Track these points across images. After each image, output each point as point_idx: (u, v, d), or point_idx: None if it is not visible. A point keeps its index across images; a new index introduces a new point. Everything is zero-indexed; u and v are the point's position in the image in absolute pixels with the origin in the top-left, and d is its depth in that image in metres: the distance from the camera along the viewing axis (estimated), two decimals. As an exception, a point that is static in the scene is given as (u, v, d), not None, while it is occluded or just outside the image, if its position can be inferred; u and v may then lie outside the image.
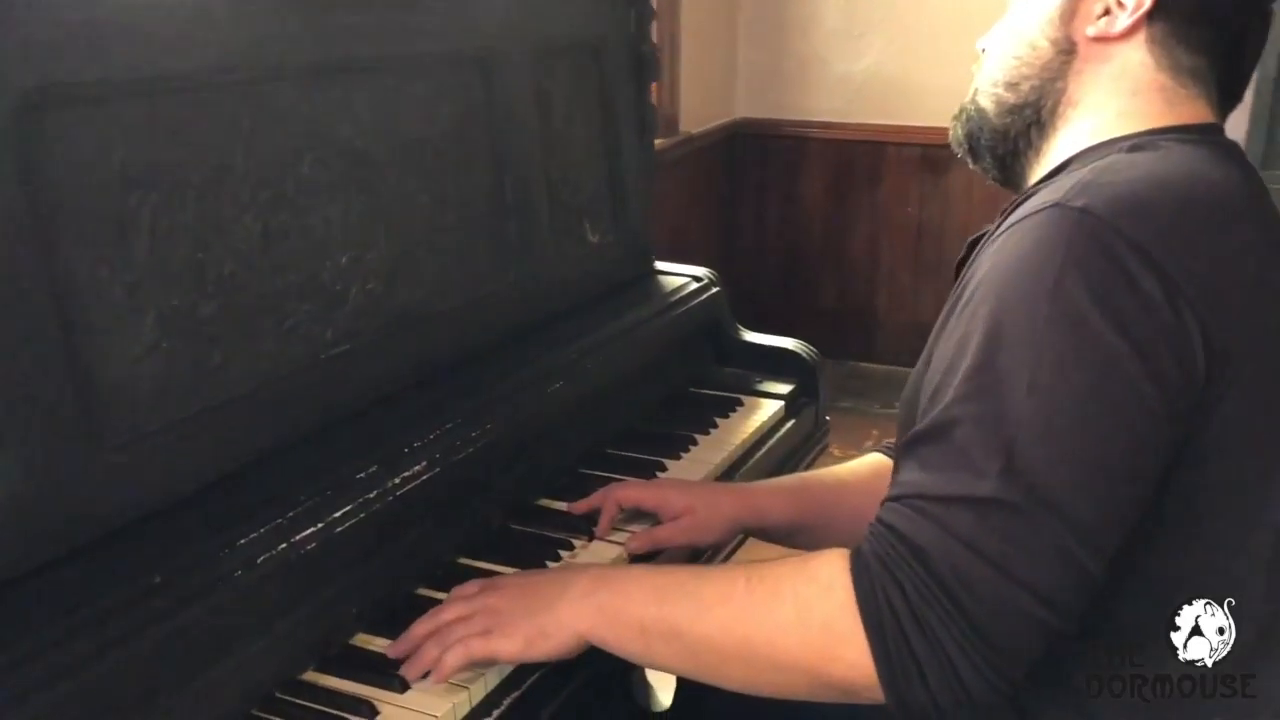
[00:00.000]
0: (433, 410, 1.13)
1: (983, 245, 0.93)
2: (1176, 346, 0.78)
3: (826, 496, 1.19)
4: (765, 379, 1.60)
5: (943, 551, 0.77)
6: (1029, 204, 0.87)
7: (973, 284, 0.86)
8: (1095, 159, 0.89)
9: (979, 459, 0.78)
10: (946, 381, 0.82)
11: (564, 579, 0.95)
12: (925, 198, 3.79)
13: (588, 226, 1.53)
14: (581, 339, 1.36)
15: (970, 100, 1.05)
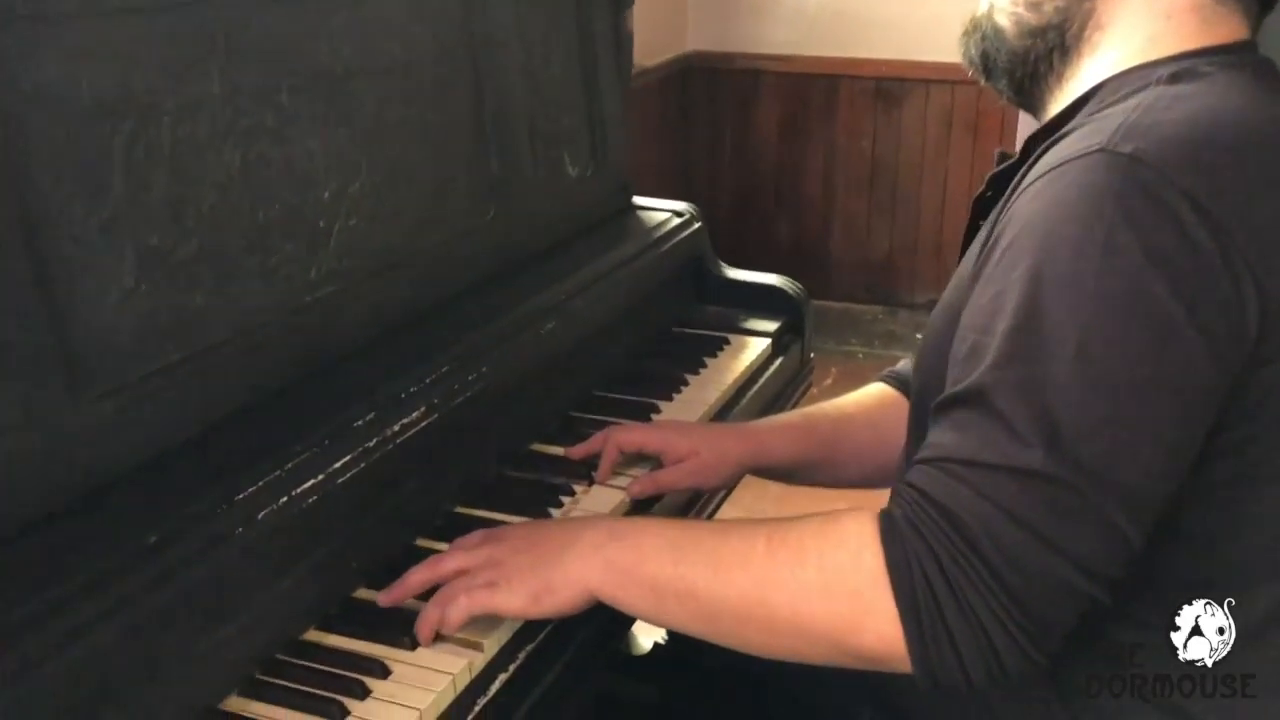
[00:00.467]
0: (424, 354, 1.07)
1: (1015, 191, 0.85)
2: (1231, 308, 0.74)
3: (831, 432, 1.16)
4: (750, 316, 1.56)
5: (982, 520, 0.73)
6: (1068, 146, 0.81)
7: (1009, 234, 0.80)
8: (1129, 89, 0.84)
9: (1022, 427, 0.73)
10: (984, 342, 0.77)
11: (572, 531, 0.90)
12: (880, 132, 3.76)
13: (567, 159, 1.46)
14: (568, 278, 1.30)
15: (985, 15, 0.97)
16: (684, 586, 0.83)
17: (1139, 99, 0.81)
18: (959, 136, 3.68)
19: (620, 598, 0.86)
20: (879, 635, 0.76)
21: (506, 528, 0.95)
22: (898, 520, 0.77)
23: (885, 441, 1.15)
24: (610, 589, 0.86)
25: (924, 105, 3.69)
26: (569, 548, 0.87)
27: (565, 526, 0.93)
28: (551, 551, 0.88)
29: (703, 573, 0.82)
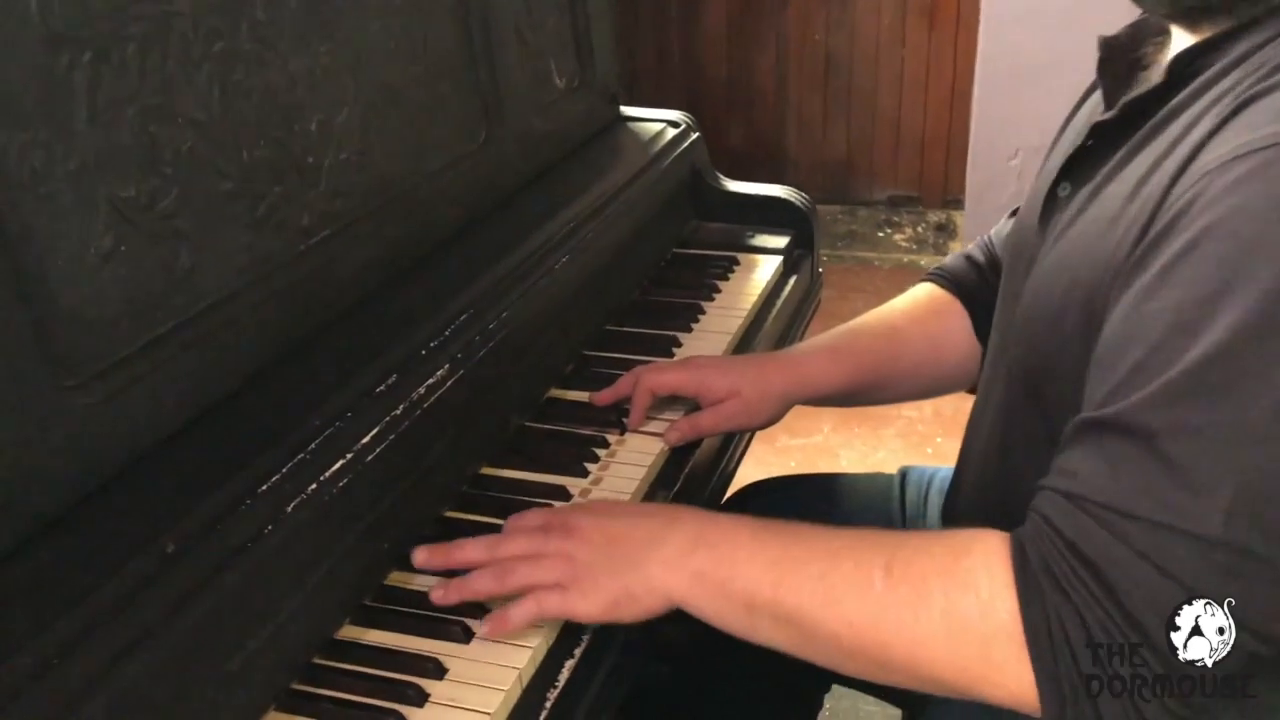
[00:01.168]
0: (436, 302, 0.95)
1: (1195, 153, 0.67)
2: None
3: (882, 351, 1.07)
4: (757, 232, 1.46)
5: (1144, 589, 0.63)
6: (1274, 110, 0.63)
7: (1199, 222, 0.63)
8: None
9: (1204, 482, 0.61)
10: (1156, 361, 0.64)
11: (655, 530, 0.78)
12: (832, 25, 3.62)
13: (554, 69, 1.33)
14: (574, 203, 1.18)
15: None
16: (784, 611, 0.73)
17: None
18: (914, 25, 3.55)
19: (707, 611, 0.76)
20: (1009, 693, 0.67)
21: (573, 512, 0.84)
22: (1036, 569, 0.66)
23: (942, 353, 1.07)
24: (697, 601, 0.76)
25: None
26: (652, 550, 0.77)
27: (643, 521, 0.81)
28: (632, 552, 0.77)
29: (808, 600, 0.72)
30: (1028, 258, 0.85)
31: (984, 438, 0.91)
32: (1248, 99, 0.65)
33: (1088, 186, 0.79)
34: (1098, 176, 0.78)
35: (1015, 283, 0.87)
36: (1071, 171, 0.81)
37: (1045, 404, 0.80)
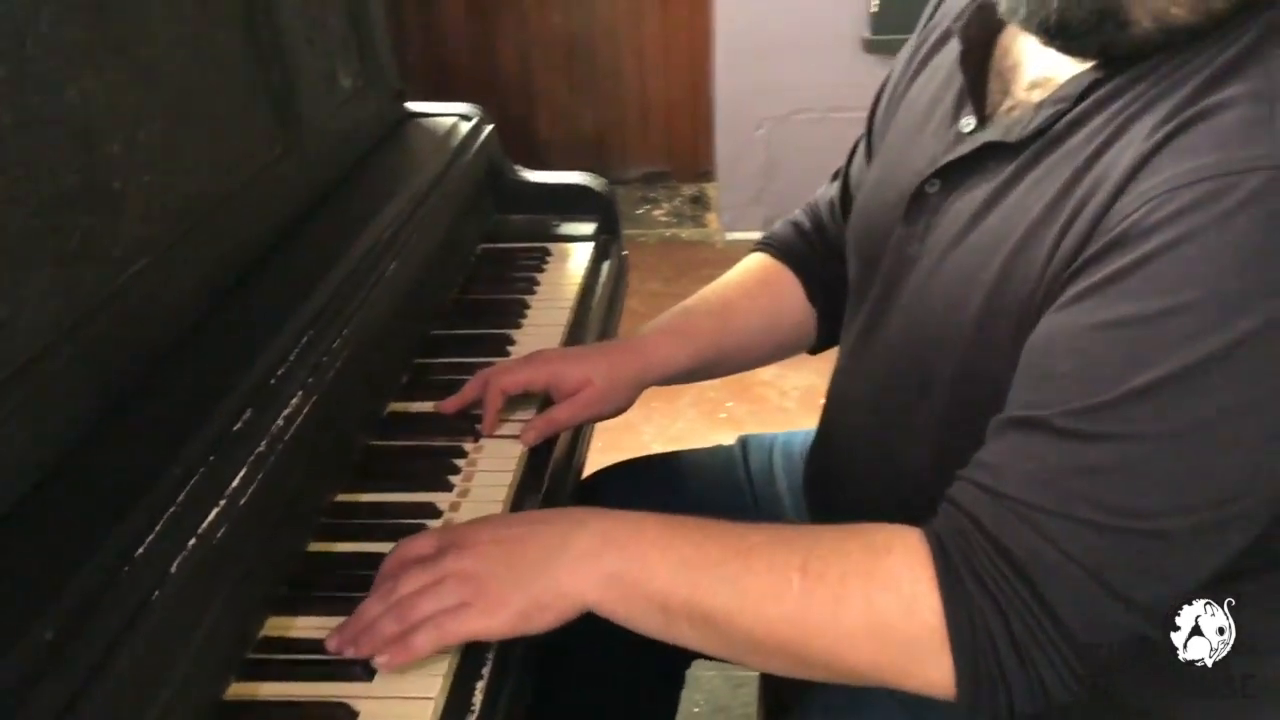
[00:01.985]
0: (270, 325, 0.89)
1: (1136, 171, 0.69)
2: None
3: (723, 325, 1.08)
4: (561, 221, 1.45)
5: (1071, 589, 0.67)
6: (1220, 140, 0.66)
7: (1151, 242, 0.66)
8: (1261, 33, 0.70)
9: (1138, 485, 0.66)
10: (1100, 371, 0.67)
11: (558, 535, 0.76)
12: (571, 7, 3.63)
13: (340, 71, 1.27)
14: (387, 207, 1.13)
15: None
16: (700, 614, 0.73)
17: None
18: (650, 4, 3.62)
19: (621, 613, 0.75)
20: (928, 683, 0.70)
21: (465, 528, 0.80)
22: (959, 567, 0.69)
23: (779, 320, 1.10)
24: (611, 604, 0.74)
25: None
26: (556, 555, 0.75)
27: (543, 528, 0.78)
28: (536, 560, 0.75)
29: (724, 603, 0.72)
30: (898, 251, 0.88)
31: (860, 412, 0.94)
32: (1183, 123, 0.68)
33: (970, 192, 0.81)
34: (985, 185, 0.80)
35: (888, 271, 0.90)
36: (942, 171, 0.84)
37: (940, 393, 0.83)
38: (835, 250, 1.08)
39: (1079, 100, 0.76)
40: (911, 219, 0.87)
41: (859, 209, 0.99)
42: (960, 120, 0.85)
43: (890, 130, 0.97)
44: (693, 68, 3.66)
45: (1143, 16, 0.71)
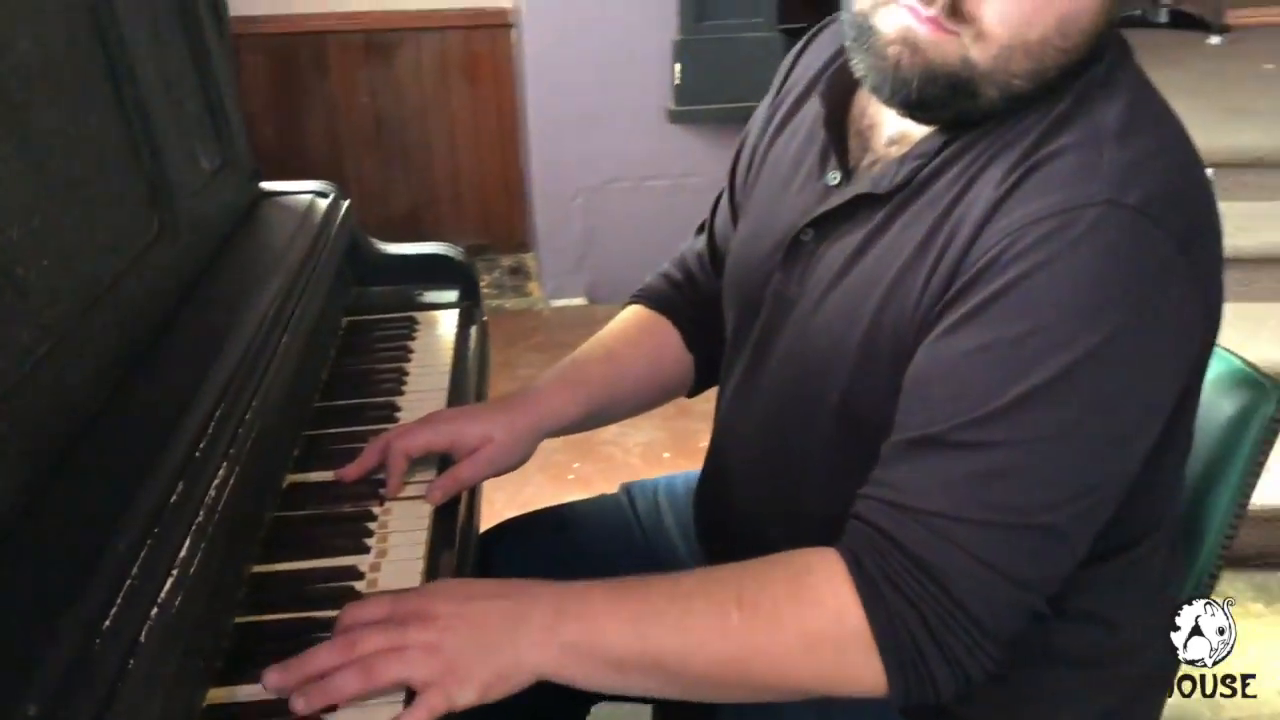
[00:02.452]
0: (181, 400, 0.89)
1: (993, 213, 0.80)
2: (1208, 342, 0.83)
3: (609, 374, 1.14)
4: (423, 291, 1.48)
5: (970, 579, 0.76)
6: (1057, 184, 0.78)
7: (1007, 275, 0.77)
8: (1080, 92, 0.83)
9: (1024, 484, 0.76)
10: (976, 388, 0.77)
11: (514, 609, 0.79)
12: (377, 87, 3.66)
13: (199, 151, 1.27)
14: (269, 283, 1.14)
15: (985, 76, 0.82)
16: (652, 662, 0.79)
17: (1109, 127, 0.80)
18: (456, 81, 3.69)
19: (578, 677, 0.80)
20: (864, 687, 0.78)
21: (422, 598, 0.82)
22: (875, 578, 0.77)
23: (661, 367, 1.17)
24: (569, 671, 0.79)
25: (417, 53, 3.65)
26: (517, 630, 0.78)
27: (498, 602, 0.80)
28: (498, 634, 0.78)
29: (673, 648, 0.79)
30: (777, 295, 0.96)
31: (750, 447, 1.01)
32: (1027, 170, 0.79)
33: (844, 238, 0.91)
34: (857, 232, 0.89)
35: (768, 314, 0.98)
36: (816, 221, 0.93)
37: (827, 422, 0.91)
38: (707, 299, 1.16)
39: (936, 155, 0.86)
40: (789, 265, 0.96)
41: (735, 259, 1.07)
42: (826, 175, 0.95)
43: (757, 186, 1.06)
44: (503, 143, 3.75)
45: (990, 90, 0.82)
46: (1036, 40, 0.79)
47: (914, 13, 0.80)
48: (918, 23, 0.80)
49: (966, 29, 0.79)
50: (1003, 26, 0.79)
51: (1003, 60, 0.80)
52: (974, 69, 0.80)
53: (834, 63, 0.99)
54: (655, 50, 3.20)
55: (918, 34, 0.80)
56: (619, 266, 3.42)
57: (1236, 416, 1.06)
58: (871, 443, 0.84)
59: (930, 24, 0.79)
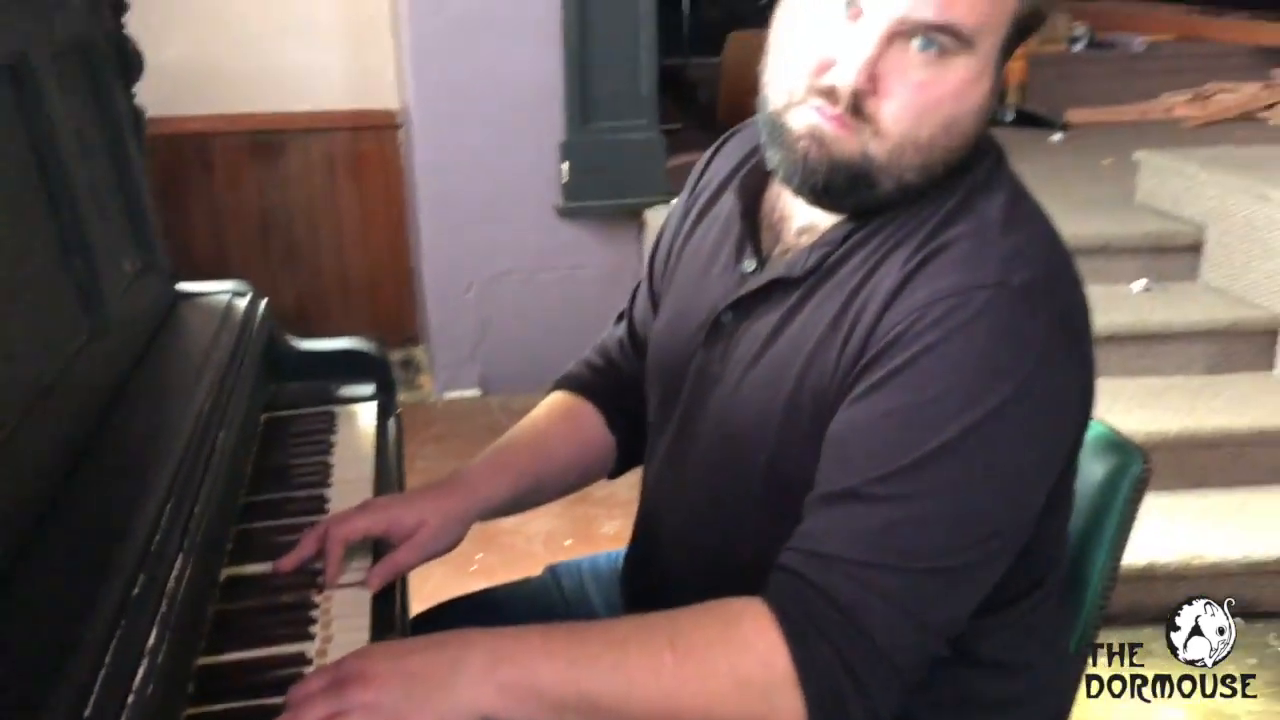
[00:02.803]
0: (130, 497, 0.92)
1: (896, 295, 0.90)
2: (1086, 408, 0.94)
3: (535, 458, 1.19)
4: (339, 385, 1.51)
5: (888, 625, 0.84)
6: (953, 268, 0.88)
7: (910, 349, 0.86)
8: (968, 189, 0.94)
9: (933, 535, 0.84)
10: (889, 447, 0.86)
11: (450, 657, 0.84)
12: (264, 185, 3.68)
13: (121, 253, 1.30)
14: (201, 382, 1.17)
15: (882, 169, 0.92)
16: (589, 705, 0.84)
17: (994, 221, 0.91)
18: (344, 180, 3.73)
19: (518, 718, 0.84)
20: (786, 718, 0.84)
21: (359, 660, 0.85)
22: (799, 620, 0.84)
23: (586, 450, 1.22)
24: (507, 712, 0.83)
25: (304, 154, 3.68)
26: (455, 674, 0.83)
27: (434, 652, 0.85)
28: (435, 682, 0.82)
29: (608, 689, 0.84)
30: (700, 373, 1.05)
31: (680, 519, 1.08)
32: (925, 256, 0.90)
33: (762, 319, 0.99)
34: (774, 313, 0.98)
35: (690, 392, 1.06)
36: (735, 304, 1.02)
37: (755, 488, 0.99)
38: (628, 383, 1.23)
39: (842, 243, 0.96)
40: (710, 344, 1.04)
41: (658, 341, 1.15)
42: (743, 262, 1.04)
43: (677, 274, 1.14)
44: (391, 238, 3.80)
45: (886, 181, 0.92)
46: (925, 139, 0.91)
47: (821, 112, 0.91)
48: (824, 120, 0.91)
49: (866, 127, 0.90)
50: (896, 125, 0.90)
51: (896, 155, 0.91)
52: (872, 162, 0.91)
53: (745, 164, 1.09)
54: (544, 149, 3.30)
55: (824, 130, 0.91)
56: (511, 356, 3.49)
57: (1108, 478, 1.17)
58: (797, 501, 0.92)
59: (835, 121, 0.90)
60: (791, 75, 0.93)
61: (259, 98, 3.54)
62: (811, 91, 0.91)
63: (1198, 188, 2.97)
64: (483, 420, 3.38)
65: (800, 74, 0.92)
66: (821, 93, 0.90)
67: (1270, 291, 2.73)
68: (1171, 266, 2.98)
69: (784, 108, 0.94)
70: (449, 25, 3.19)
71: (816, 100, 0.91)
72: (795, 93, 0.93)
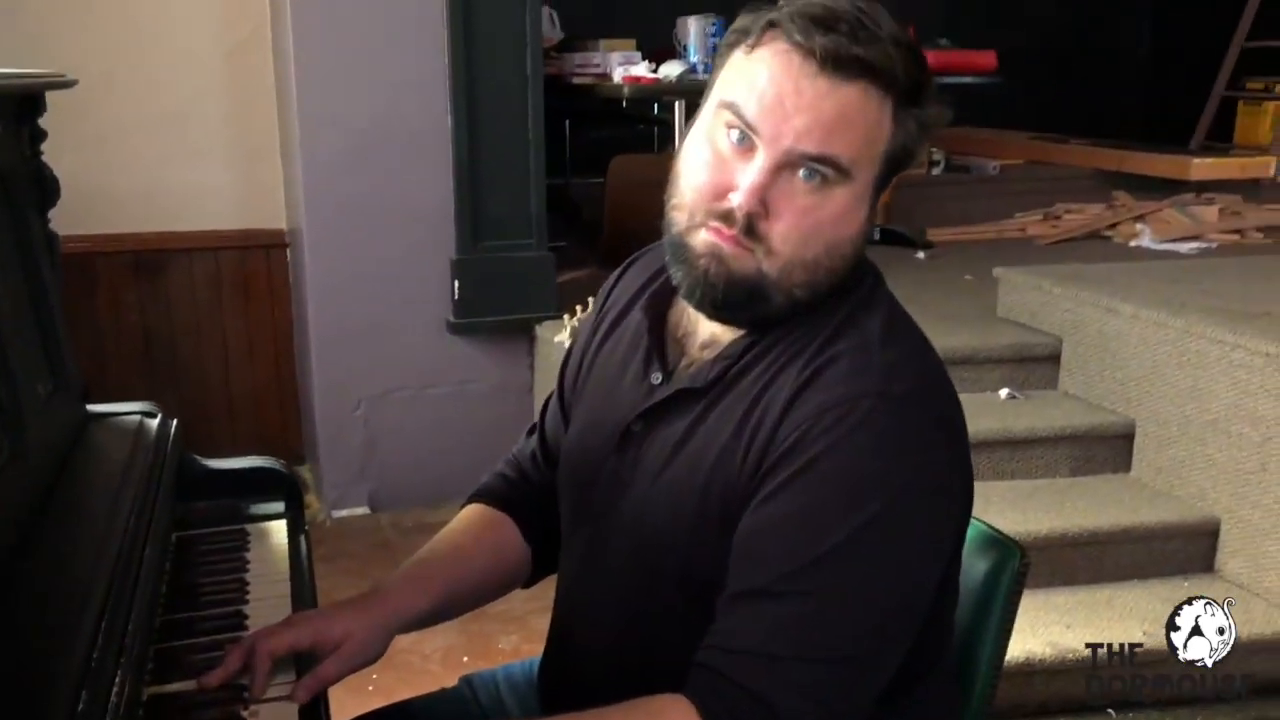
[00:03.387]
0: (63, 615, 0.93)
1: (793, 402, 0.99)
2: (967, 506, 1.05)
3: (454, 569, 1.23)
4: (249, 503, 1.53)
5: (793, 705, 0.91)
6: (841, 377, 0.98)
7: (809, 451, 0.95)
8: (851, 306, 1.04)
9: (836, 623, 0.93)
10: (794, 546, 0.94)
11: None
12: (147, 305, 3.65)
13: (36, 375, 1.31)
14: (121, 504, 1.18)
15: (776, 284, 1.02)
16: None
17: (877, 333, 1.02)
18: (230, 298, 3.73)
19: None
20: None
21: None
22: (718, 712, 0.92)
23: (503, 560, 1.27)
24: None
25: (189, 273, 3.67)
26: None
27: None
28: None
29: None
30: (612, 479, 1.11)
31: (596, 622, 1.14)
32: (818, 368, 1.00)
33: (670, 427, 1.07)
34: (680, 421, 1.07)
35: (603, 497, 1.12)
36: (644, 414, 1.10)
37: (668, 589, 1.05)
38: (540, 493, 1.28)
39: (741, 357, 1.06)
40: (622, 452, 1.11)
41: (570, 450, 1.21)
42: (650, 375, 1.12)
43: (587, 387, 1.21)
44: (278, 357, 3.79)
45: (778, 296, 1.03)
46: (811, 259, 1.01)
47: (719, 233, 1.01)
48: (722, 240, 1.01)
49: (759, 246, 1.00)
50: (785, 245, 1.00)
51: (787, 273, 1.01)
52: (766, 278, 1.01)
53: (651, 283, 1.18)
54: (436, 267, 3.37)
55: (722, 249, 1.01)
56: (401, 473, 3.49)
57: (990, 572, 1.26)
58: (709, 603, 0.99)
59: (731, 241, 1.01)
60: (693, 201, 1.03)
61: (146, 217, 3.54)
62: (711, 215, 1.02)
63: (1054, 302, 3.19)
64: (373, 538, 3.35)
65: (701, 199, 1.02)
66: (720, 215, 1.01)
67: (1123, 398, 2.94)
68: (1033, 375, 3.18)
69: (686, 229, 1.04)
70: (342, 146, 3.26)
71: (715, 222, 1.01)
72: (696, 215, 1.03)
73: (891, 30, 0.99)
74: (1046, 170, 5.61)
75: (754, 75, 0.99)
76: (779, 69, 0.98)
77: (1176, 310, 2.83)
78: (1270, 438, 2.51)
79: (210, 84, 3.57)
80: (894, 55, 0.98)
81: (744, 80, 1.00)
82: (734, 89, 1.01)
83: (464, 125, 3.28)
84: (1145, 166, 5.25)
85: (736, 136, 1.00)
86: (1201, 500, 2.70)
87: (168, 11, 3.50)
